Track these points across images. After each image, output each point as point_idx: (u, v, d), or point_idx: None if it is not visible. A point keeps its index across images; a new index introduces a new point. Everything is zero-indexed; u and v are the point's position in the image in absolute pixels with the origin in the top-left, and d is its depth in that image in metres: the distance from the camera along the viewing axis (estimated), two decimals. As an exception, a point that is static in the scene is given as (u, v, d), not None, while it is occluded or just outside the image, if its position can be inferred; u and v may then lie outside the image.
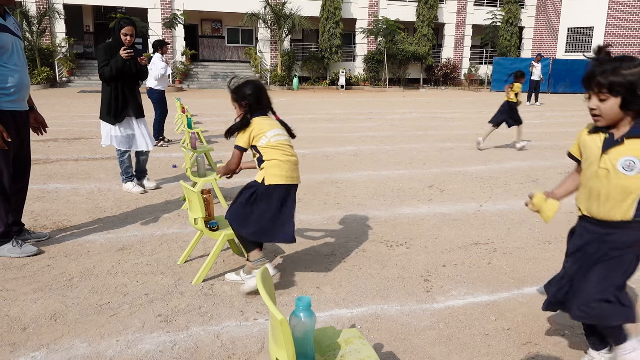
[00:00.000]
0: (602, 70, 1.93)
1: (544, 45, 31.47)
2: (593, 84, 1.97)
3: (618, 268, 2.06)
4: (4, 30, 3.45)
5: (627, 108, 1.93)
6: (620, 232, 2.04)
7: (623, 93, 1.91)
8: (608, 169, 1.99)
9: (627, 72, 1.90)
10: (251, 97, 3.16)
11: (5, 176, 3.60)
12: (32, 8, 22.42)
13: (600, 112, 1.98)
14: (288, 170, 3.11)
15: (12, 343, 2.58)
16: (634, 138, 1.96)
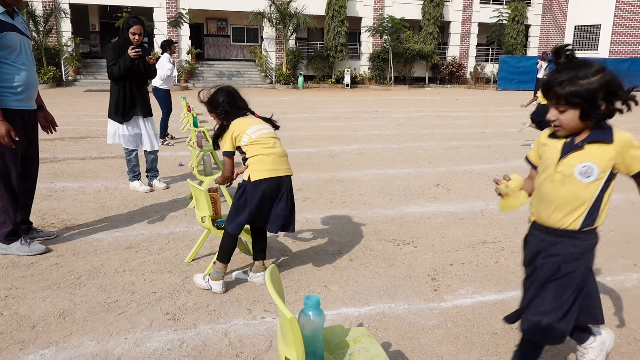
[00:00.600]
0: (559, 81, 1.82)
1: (551, 43, 31.31)
2: (551, 95, 1.87)
3: (571, 285, 1.96)
4: (12, 29, 3.47)
5: (586, 119, 1.83)
6: (567, 242, 1.94)
7: (582, 104, 1.81)
8: (564, 174, 1.90)
9: (585, 82, 1.79)
10: (225, 104, 3.17)
11: (14, 175, 3.62)
12: (39, 8, 22.52)
13: (560, 123, 1.88)
14: (272, 162, 3.07)
15: (22, 341, 2.59)
16: (595, 143, 1.87)
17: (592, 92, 1.79)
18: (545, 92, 1.89)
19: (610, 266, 3.71)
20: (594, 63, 1.83)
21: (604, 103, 1.81)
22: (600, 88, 1.79)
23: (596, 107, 1.80)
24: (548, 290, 1.97)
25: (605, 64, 1.89)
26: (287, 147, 8.30)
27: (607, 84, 1.79)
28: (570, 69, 1.83)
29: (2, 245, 3.70)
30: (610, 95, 1.81)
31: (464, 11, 29.75)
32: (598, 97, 1.79)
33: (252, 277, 3.33)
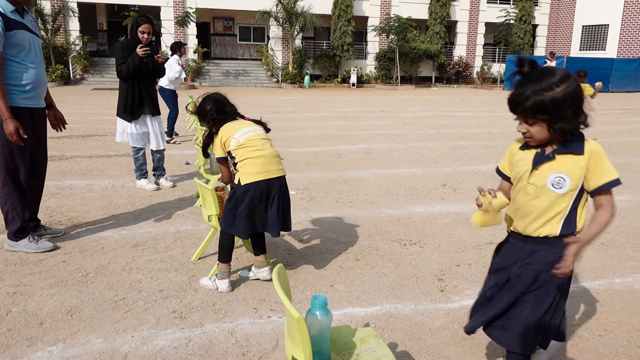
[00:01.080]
0: (525, 96, 1.77)
1: (558, 43, 31.15)
2: (518, 110, 1.83)
3: (551, 293, 1.93)
4: (22, 28, 3.49)
5: (555, 130, 1.79)
6: (545, 250, 1.91)
7: (549, 117, 1.76)
8: (536, 185, 1.87)
9: (550, 94, 1.74)
10: (212, 111, 3.18)
11: (22, 172, 3.64)
12: (47, 6, 22.65)
13: (531, 135, 1.85)
14: (262, 165, 3.05)
15: (30, 337, 2.61)
16: (565, 154, 1.84)
17: (558, 102, 1.74)
18: (513, 108, 1.84)
19: (619, 267, 3.68)
20: (557, 71, 1.78)
21: (572, 113, 1.76)
22: (565, 97, 1.74)
23: (564, 117, 1.76)
24: (527, 301, 1.94)
25: (613, 64, 1.84)
26: (293, 147, 8.35)
27: (573, 93, 1.75)
28: (534, 80, 1.78)
29: (10, 243, 3.72)
30: (576, 105, 1.77)
31: (470, 11, 29.64)
32: (565, 107, 1.75)
33: (257, 273, 3.34)
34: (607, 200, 1.86)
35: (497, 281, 2.06)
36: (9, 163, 3.56)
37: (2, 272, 3.38)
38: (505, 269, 2.03)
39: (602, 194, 1.85)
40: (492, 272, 2.12)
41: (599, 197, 1.86)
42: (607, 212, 1.86)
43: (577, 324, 2.88)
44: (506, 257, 2.04)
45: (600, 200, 1.86)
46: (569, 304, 3.10)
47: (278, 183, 3.12)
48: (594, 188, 1.84)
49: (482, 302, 2.14)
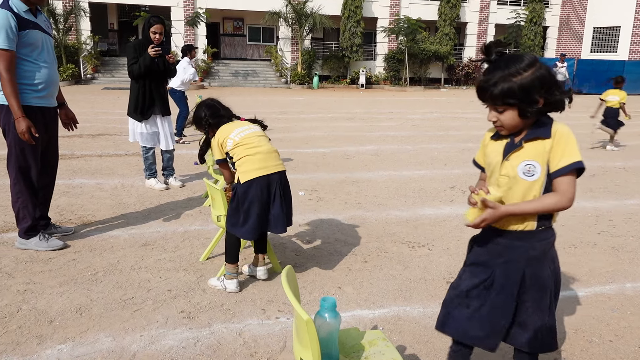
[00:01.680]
0: (493, 82, 1.72)
1: (569, 45, 30.93)
2: (487, 97, 1.78)
3: (546, 287, 1.86)
4: (35, 27, 3.52)
5: (526, 116, 1.75)
6: (525, 246, 1.84)
7: (518, 102, 1.72)
8: (509, 176, 1.81)
9: (518, 78, 1.70)
10: (207, 117, 3.22)
11: (34, 171, 3.67)
12: (59, 6, 22.84)
13: (502, 124, 1.80)
14: (260, 161, 3.05)
15: (39, 335, 2.63)
16: (533, 140, 1.77)
17: (527, 87, 1.70)
18: (481, 95, 1.80)
19: (631, 272, 3.65)
20: (525, 56, 1.74)
21: (541, 98, 1.72)
22: (533, 82, 1.70)
23: (533, 102, 1.72)
24: (528, 301, 1.86)
25: (625, 67, 1.79)
26: (302, 147, 8.36)
27: (541, 78, 1.71)
28: (502, 66, 1.73)
29: (21, 241, 3.76)
30: (546, 89, 1.72)
31: (480, 12, 29.52)
32: (533, 92, 1.71)
33: (253, 270, 3.37)
34: (564, 184, 1.74)
35: (477, 278, 1.93)
36: (20, 161, 3.59)
37: (13, 270, 3.41)
38: (484, 265, 1.93)
39: (560, 177, 1.75)
40: (467, 266, 2.01)
41: (556, 180, 1.76)
42: (556, 197, 1.75)
43: (588, 329, 2.85)
44: (484, 252, 1.95)
45: (556, 183, 1.76)
46: (580, 308, 3.08)
47: (278, 178, 3.10)
48: (552, 170, 1.76)
49: (459, 297, 1.97)
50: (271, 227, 3.14)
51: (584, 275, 3.59)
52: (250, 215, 3.04)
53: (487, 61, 1.80)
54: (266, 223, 3.11)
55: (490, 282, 1.90)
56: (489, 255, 1.92)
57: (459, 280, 2.01)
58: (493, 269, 1.90)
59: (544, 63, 1.75)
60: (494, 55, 1.78)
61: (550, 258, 1.88)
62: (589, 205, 5.37)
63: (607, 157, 8.25)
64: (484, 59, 1.82)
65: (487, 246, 1.93)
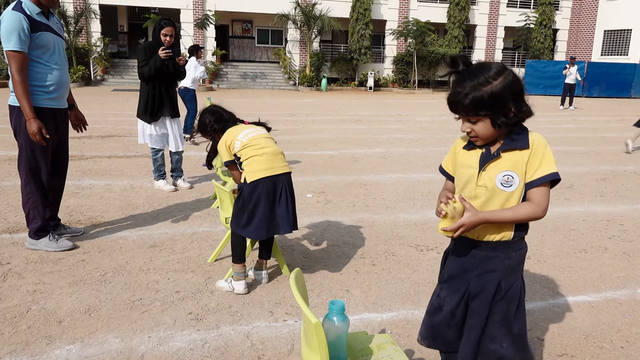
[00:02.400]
0: (463, 94, 1.68)
1: (579, 48, 30.72)
2: (458, 109, 1.73)
3: (515, 298, 1.82)
4: (47, 29, 3.55)
5: (500, 126, 1.70)
6: (501, 255, 1.81)
7: (490, 113, 1.68)
8: (487, 187, 1.76)
9: (488, 88, 1.66)
10: (213, 122, 3.29)
11: (44, 172, 3.69)
12: (70, 8, 23.04)
13: (476, 134, 1.76)
14: (266, 162, 3.08)
15: (49, 336, 2.64)
16: (510, 150, 1.74)
17: (497, 96, 1.67)
18: (453, 107, 1.76)
19: None
20: (493, 65, 1.71)
21: (513, 106, 1.69)
22: (504, 90, 1.67)
23: (506, 111, 1.69)
24: (496, 313, 1.82)
25: (635, 70, 1.73)
26: (310, 150, 8.35)
27: (511, 85, 1.68)
28: (471, 76, 1.70)
29: (31, 241, 3.78)
30: (516, 96, 1.70)
31: (490, 15, 29.40)
32: (504, 101, 1.68)
33: (254, 274, 3.38)
34: (538, 195, 1.72)
35: (456, 295, 1.88)
36: (31, 162, 3.62)
37: (23, 270, 3.44)
38: (459, 278, 1.88)
39: (535, 188, 1.72)
40: (443, 282, 1.96)
41: (531, 190, 1.73)
42: (531, 206, 1.72)
43: (598, 335, 2.82)
44: (459, 265, 1.90)
45: (530, 194, 1.73)
46: (590, 314, 3.04)
47: (284, 179, 3.14)
48: (528, 180, 1.73)
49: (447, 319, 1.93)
50: (278, 228, 3.14)
51: (595, 280, 3.56)
52: (255, 215, 3.05)
53: (455, 72, 1.76)
54: (272, 224, 3.12)
55: (467, 295, 1.87)
56: (465, 267, 1.87)
57: (439, 299, 1.95)
58: (469, 280, 1.86)
59: (512, 70, 1.72)
60: (461, 66, 1.75)
61: (521, 268, 1.87)
62: (599, 210, 5.32)
63: (618, 161, 8.17)
64: (451, 70, 1.77)
65: (463, 259, 1.88)
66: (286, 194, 3.13)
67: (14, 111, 3.57)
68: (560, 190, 6.10)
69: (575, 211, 5.26)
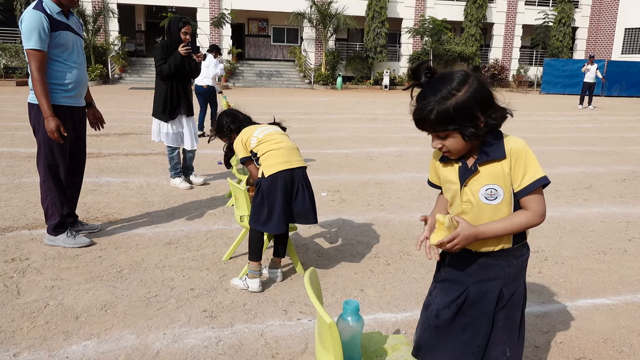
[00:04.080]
0: (428, 110, 1.60)
1: (599, 46, 30.23)
2: (425, 126, 1.65)
3: (519, 306, 1.78)
4: (66, 29, 3.59)
5: (471, 138, 1.62)
6: (502, 263, 1.74)
7: (458, 126, 1.60)
8: (472, 203, 1.70)
9: (453, 100, 1.57)
10: (229, 123, 3.43)
11: (62, 169, 3.74)
12: (89, 8, 23.34)
13: (448, 149, 1.68)
14: (283, 156, 3.12)
15: (66, 331, 2.67)
16: (488, 163, 1.66)
17: (463, 107, 1.58)
18: (419, 125, 1.68)
19: (662, 281, 3.53)
20: (456, 74, 1.62)
21: (481, 115, 1.61)
22: (469, 100, 1.58)
23: (474, 122, 1.60)
24: (500, 320, 1.77)
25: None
26: (325, 148, 8.35)
27: (476, 93, 1.59)
28: (433, 90, 1.61)
29: (49, 237, 3.83)
30: (483, 103, 1.61)
31: (508, 13, 29.08)
32: (471, 110, 1.59)
33: (269, 272, 3.38)
34: (532, 202, 1.66)
35: (447, 297, 1.82)
36: (49, 160, 3.67)
37: (41, 265, 3.48)
38: (456, 282, 1.81)
39: (527, 196, 1.66)
40: (439, 282, 1.89)
41: (523, 199, 1.67)
42: (526, 215, 1.66)
43: (617, 338, 2.77)
44: (456, 269, 1.83)
45: (524, 202, 1.67)
46: (609, 317, 2.99)
47: (300, 173, 3.17)
48: (517, 190, 1.66)
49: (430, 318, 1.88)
50: (301, 219, 3.17)
51: (614, 283, 3.49)
52: (275, 209, 3.08)
53: (418, 85, 1.68)
54: (291, 215, 3.14)
55: (463, 300, 1.79)
56: (463, 272, 1.81)
57: (430, 298, 1.90)
58: (466, 286, 1.79)
59: (477, 76, 1.64)
60: (423, 77, 1.67)
61: (523, 274, 1.82)
62: (619, 211, 5.23)
63: (638, 161, 8.02)
64: (414, 83, 1.69)
65: (462, 263, 1.81)
66: (303, 187, 3.16)
67: (33, 109, 3.62)
68: (579, 191, 6.00)
69: (594, 212, 5.17)
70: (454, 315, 1.80)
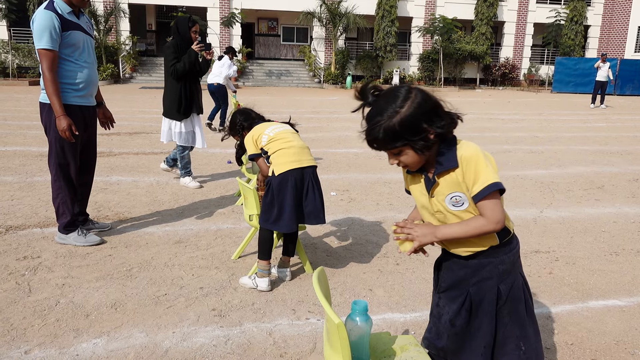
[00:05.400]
0: (376, 131, 1.61)
1: (611, 44, 29.90)
2: (377, 146, 1.66)
3: (520, 298, 1.79)
4: (77, 28, 3.62)
5: (423, 151, 1.62)
6: (494, 259, 1.75)
7: (408, 141, 1.60)
8: (442, 212, 1.73)
9: (397, 118, 1.57)
10: (242, 121, 3.47)
11: (73, 168, 3.77)
12: (100, 8, 23.52)
13: (405, 164, 1.70)
14: (294, 154, 3.13)
15: (76, 329, 2.69)
16: (444, 173, 1.68)
17: (410, 123, 1.58)
18: (372, 146, 1.69)
19: (676, 283, 3.48)
20: (399, 91, 1.62)
21: (429, 127, 1.60)
22: (414, 115, 1.58)
23: (423, 134, 1.60)
24: (505, 316, 1.78)
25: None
26: (334, 147, 8.34)
27: (419, 106, 1.59)
28: (378, 111, 1.62)
29: (60, 235, 3.87)
30: (429, 115, 1.61)
31: (519, 11, 28.85)
32: (418, 125, 1.59)
33: (278, 272, 3.38)
34: (485, 209, 1.65)
35: (455, 304, 1.84)
36: (60, 159, 3.70)
37: (52, 264, 3.52)
38: (456, 287, 1.83)
39: (480, 202, 1.65)
40: (441, 292, 1.91)
41: (477, 205, 1.67)
42: (481, 220, 1.66)
43: (630, 340, 2.73)
44: (453, 275, 1.85)
45: (479, 208, 1.67)
46: (622, 319, 2.95)
47: (311, 172, 3.18)
48: (471, 196, 1.67)
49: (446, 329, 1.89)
50: (311, 219, 3.17)
51: (627, 284, 3.45)
52: (285, 207, 3.08)
53: (367, 105, 1.69)
54: (301, 215, 3.15)
55: (469, 303, 1.81)
56: (461, 277, 1.83)
57: (439, 309, 1.92)
58: (467, 289, 1.81)
59: (420, 89, 1.65)
60: (370, 97, 1.68)
61: (518, 266, 1.83)
62: (632, 211, 5.16)
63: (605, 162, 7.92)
64: (362, 103, 1.70)
65: (457, 269, 1.84)
66: (313, 186, 3.17)
67: (44, 108, 3.66)
68: (591, 191, 5.94)
69: (606, 212, 5.11)
70: (467, 320, 1.82)
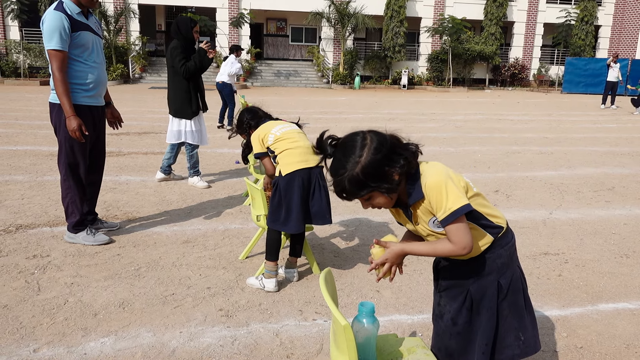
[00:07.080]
0: (342, 185, 1.63)
1: (623, 45, 29.61)
2: (347, 197, 1.68)
3: (519, 290, 1.84)
4: (86, 29, 3.64)
5: (391, 192, 1.66)
6: (492, 255, 1.79)
7: (373, 188, 1.63)
8: (433, 234, 1.77)
9: (359, 168, 1.59)
10: (249, 119, 3.48)
11: (82, 168, 3.80)
12: (110, 8, 23.68)
13: (379, 206, 1.73)
14: (300, 154, 3.13)
15: (84, 328, 2.71)
16: (416, 205, 1.72)
17: (373, 170, 1.60)
18: (340, 197, 1.70)
19: (687, 286, 3.44)
20: (355, 139, 1.64)
21: (390, 168, 1.61)
22: (373, 162, 1.60)
23: (386, 178, 1.62)
24: (505, 309, 1.82)
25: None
26: (342, 148, 8.32)
27: (376, 151, 1.60)
28: (340, 164, 1.64)
29: (69, 234, 3.89)
30: (389, 157, 1.62)
31: (529, 11, 28.66)
32: (378, 169, 1.60)
33: (285, 272, 3.38)
34: (451, 234, 1.67)
35: (456, 302, 1.87)
36: (70, 158, 3.73)
37: (61, 262, 3.54)
38: (457, 286, 1.88)
39: (446, 227, 1.68)
40: (442, 291, 1.94)
41: (445, 229, 1.69)
42: (449, 245, 1.69)
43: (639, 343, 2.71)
44: (453, 274, 1.89)
45: (446, 232, 1.70)
46: (632, 322, 2.92)
47: (317, 173, 3.17)
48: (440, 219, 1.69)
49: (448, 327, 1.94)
50: (317, 219, 3.17)
51: (637, 287, 3.41)
52: (292, 208, 3.08)
53: (327, 157, 1.72)
54: (308, 216, 3.15)
55: (470, 301, 1.85)
56: (460, 275, 1.87)
57: (440, 308, 1.95)
58: (467, 287, 1.85)
59: (373, 132, 1.67)
60: (329, 149, 1.70)
61: (515, 259, 1.86)
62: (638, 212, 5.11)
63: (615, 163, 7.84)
64: (322, 157, 1.74)
65: (456, 267, 1.88)
66: (320, 187, 3.16)
67: (54, 108, 3.68)
68: (601, 193, 5.89)
69: (616, 214, 5.06)
70: (469, 318, 1.86)
